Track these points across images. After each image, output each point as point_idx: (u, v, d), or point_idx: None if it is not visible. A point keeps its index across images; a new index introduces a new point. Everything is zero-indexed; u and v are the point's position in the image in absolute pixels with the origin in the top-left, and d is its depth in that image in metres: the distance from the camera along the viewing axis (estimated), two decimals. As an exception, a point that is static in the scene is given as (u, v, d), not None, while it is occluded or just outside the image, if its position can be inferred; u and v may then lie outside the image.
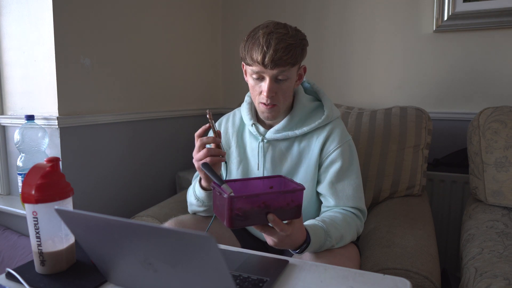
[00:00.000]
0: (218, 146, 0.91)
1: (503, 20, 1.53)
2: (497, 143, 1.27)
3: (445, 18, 1.62)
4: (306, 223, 0.87)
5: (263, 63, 0.89)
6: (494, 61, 1.58)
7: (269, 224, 0.77)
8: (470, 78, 1.63)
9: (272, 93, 0.93)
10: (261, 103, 0.96)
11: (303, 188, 0.77)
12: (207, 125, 0.92)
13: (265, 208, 0.75)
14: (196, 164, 0.92)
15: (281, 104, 0.97)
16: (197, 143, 0.91)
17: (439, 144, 1.69)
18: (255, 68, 0.92)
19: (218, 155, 0.89)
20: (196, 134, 0.92)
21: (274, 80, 0.92)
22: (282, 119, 1.03)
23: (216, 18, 2.11)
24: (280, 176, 0.88)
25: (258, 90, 0.95)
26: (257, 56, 0.89)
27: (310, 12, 1.90)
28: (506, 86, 1.57)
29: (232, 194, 0.75)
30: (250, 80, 0.97)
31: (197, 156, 0.90)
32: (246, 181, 0.88)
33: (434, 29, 1.65)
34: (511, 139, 1.25)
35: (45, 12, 1.27)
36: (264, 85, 0.93)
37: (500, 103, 1.57)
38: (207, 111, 0.93)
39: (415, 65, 1.72)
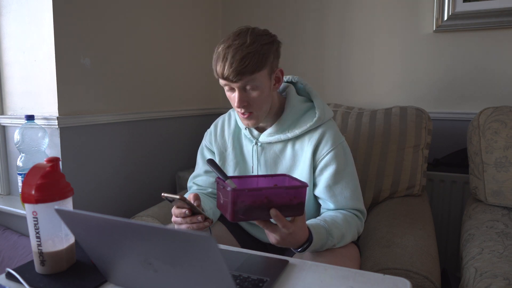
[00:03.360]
0: (193, 212, 0.85)
1: (503, 20, 1.53)
2: (497, 143, 1.27)
3: (445, 18, 1.62)
4: (307, 222, 0.88)
5: (224, 77, 0.90)
6: (494, 61, 1.58)
7: (272, 220, 0.77)
8: (470, 78, 1.63)
9: (243, 102, 0.93)
10: (238, 112, 0.97)
11: (306, 185, 0.78)
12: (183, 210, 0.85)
13: (267, 204, 0.75)
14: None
15: (258, 112, 0.96)
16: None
17: (439, 144, 1.69)
18: (222, 81, 0.93)
19: (193, 222, 0.84)
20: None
21: (243, 90, 0.93)
22: (274, 122, 1.02)
23: (216, 18, 2.11)
24: (284, 175, 0.89)
25: (233, 100, 0.95)
26: (219, 70, 0.90)
27: (310, 12, 1.90)
28: (506, 86, 1.57)
29: (236, 188, 0.75)
30: (226, 92, 0.97)
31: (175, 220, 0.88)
32: (250, 178, 0.89)
33: (434, 29, 1.65)
34: (511, 139, 1.25)
35: (45, 12, 1.27)
36: (235, 95, 0.93)
37: (500, 103, 1.57)
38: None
39: (415, 65, 1.72)
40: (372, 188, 1.42)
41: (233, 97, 0.95)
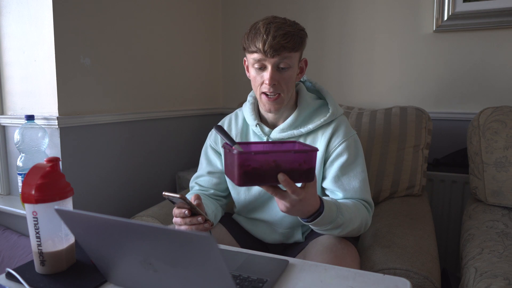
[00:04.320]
0: (194, 213, 0.84)
1: (503, 20, 1.53)
2: (497, 143, 1.26)
3: (445, 18, 1.62)
4: None
5: (263, 50, 0.91)
6: (494, 61, 1.58)
7: (281, 187, 0.75)
8: (470, 78, 1.63)
9: (274, 81, 0.94)
10: (263, 93, 0.97)
11: (317, 149, 0.76)
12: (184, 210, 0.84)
13: (275, 168, 0.73)
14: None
15: (284, 95, 0.97)
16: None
17: (439, 144, 1.69)
18: (256, 56, 0.93)
19: (194, 224, 0.84)
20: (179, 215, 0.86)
21: (276, 69, 0.94)
22: (286, 118, 1.03)
23: (216, 18, 2.11)
24: (294, 142, 0.87)
25: (260, 80, 0.96)
26: (258, 43, 0.91)
27: (310, 12, 1.90)
28: (506, 86, 1.57)
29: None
30: (252, 71, 0.98)
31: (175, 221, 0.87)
32: (258, 144, 0.87)
33: (434, 29, 1.65)
34: (511, 139, 1.25)
35: (45, 12, 1.27)
36: (266, 74, 0.94)
37: (500, 103, 1.57)
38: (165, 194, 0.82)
39: (415, 65, 1.72)
40: (372, 188, 1.42)
41: (261, 76, 0.95)
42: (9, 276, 0.71)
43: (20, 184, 1.29)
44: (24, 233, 1.41)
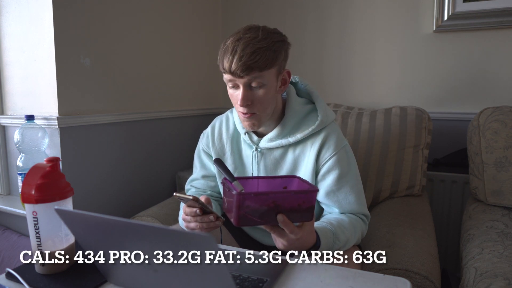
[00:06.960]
0: (205, 211, 0.83)
1: (503, 20, 1.53)
2: (497, 143, 1.26)
3: (445, 18, 1.62)
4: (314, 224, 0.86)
5: (230, 71, 0.86)
6: (494, 61, 1.58)
7: (279, 225, 0.75)
8: (470, 78, 1.63)
9: (247, 101, 0.88)
10: (240, 112, 0.93)
11: (317, 190, 0.75)
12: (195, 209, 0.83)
13: (275, 208, 0.72)
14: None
15: (261, 113, 0.92)
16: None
17: (439, 144, 1.69)
18: (227, 76, 0.88)
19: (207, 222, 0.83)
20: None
21: (248, 88, 0.88)
22: (275, 127, 0.98)
23: (216, 18, 2.11)
24: (294, 176, 0.86)
25: (236, 99, 0.91)
26: (226, 64, 0.86)
27: (310, 12, 1.90)
28: (506, 86, 1.57)
29: (243, 191, 0.74)
30: (228, 89, 0.94)
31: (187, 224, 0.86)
32: (258, 179, 0.86)
33: (434, 29, 1.65)
34: (511, 139, 1.25)
35: (45, 12, 1.27)
36: (239, 93, 0.89)
37: (500, 103, 1.57)
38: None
39: (415, 65, 1.72)
40: (372, 188, 1.42)
41: (236, 95, 0.90)
42: (9, 276, 0.71)
43: (20, 184, 1.29)
44: (24, 233, 1.41)
